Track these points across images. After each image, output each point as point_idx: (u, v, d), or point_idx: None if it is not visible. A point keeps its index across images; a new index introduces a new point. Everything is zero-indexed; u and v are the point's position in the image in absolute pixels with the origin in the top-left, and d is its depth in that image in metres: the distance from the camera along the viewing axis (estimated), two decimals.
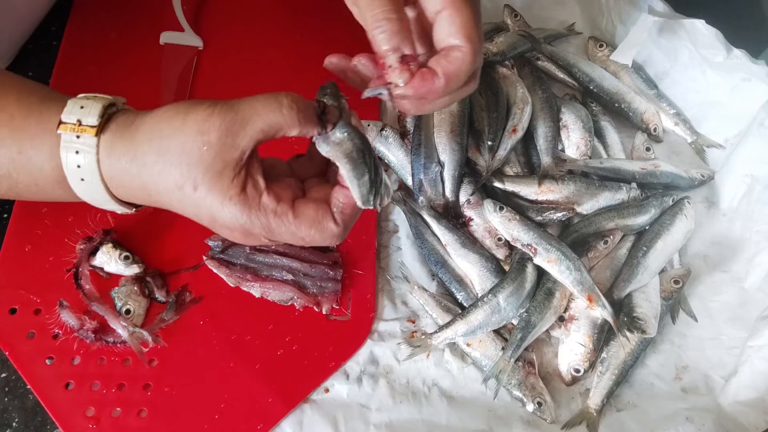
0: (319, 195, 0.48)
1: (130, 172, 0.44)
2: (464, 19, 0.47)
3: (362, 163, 0.45)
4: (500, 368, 0.64)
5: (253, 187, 0.44)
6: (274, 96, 0.44)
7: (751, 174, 0.75)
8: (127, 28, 0.79)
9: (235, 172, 0.43)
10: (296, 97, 0.45)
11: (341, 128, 0.45)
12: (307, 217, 0.45)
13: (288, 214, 0.45)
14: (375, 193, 0.46)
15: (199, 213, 0.45)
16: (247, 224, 0.44)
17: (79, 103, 0.46)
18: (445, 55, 0.48)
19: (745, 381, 0.65)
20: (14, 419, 0.60)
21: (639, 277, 0.69)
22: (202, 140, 0.42)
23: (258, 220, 0.44)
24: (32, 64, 0.76)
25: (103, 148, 0.44)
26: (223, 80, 0.77)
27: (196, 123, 0.43)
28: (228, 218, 0.44)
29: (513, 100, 0.78)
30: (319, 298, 0.66)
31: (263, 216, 0.44)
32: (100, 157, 0.44)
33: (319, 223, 0.46)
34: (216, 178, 0.43)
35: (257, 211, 0.44)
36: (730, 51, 0.74)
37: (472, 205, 0.73)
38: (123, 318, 0.61)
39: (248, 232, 0.45)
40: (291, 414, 0.62)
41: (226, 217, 0.44)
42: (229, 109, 0.43)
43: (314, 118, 0.45)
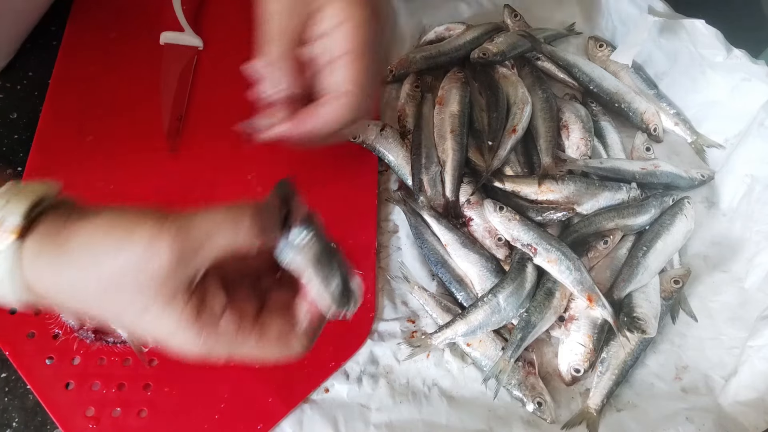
0: (280, 301, 0.43)
1: (57, 286, 0.39)
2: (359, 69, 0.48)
3: (329, 269, 0.40)
4: (500, 368, 0.64)
5: (210, 310, 0.39)
6: (232, 215, 0.39)
7: (751, 174, 0.75)
8: (127, 28, 0.79)
9: (187, 296, 0.38)
10: (256, 212, 0.39)
11: (303, 231, 0.41)
12: (271, 337, 0.41)
13: (251, 335, 0.41)
14: (346, 301, 0.41)
15: (149, 335, 0.40)
16: (205, 349, 0.40)
17: (4, 197, 0.39)
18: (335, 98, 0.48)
19: (745, 381, 0.65)
20: (14, 419, 0.60)
21: (639, 277, 0.69)
22: (148, 264, 0.37)
23: (218, 345, 0.40)
24: (32, 64, 0.77)
25: (28, 254, 0.38)
26: (223, 80, 0.77)
27: (140, 247, 0.37)
28: (182, 345, 0.40)
29: (513, 100, 0.78)
30: None
31: (223, 340, 0.40)
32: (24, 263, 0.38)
33: (285, 342, 0.42)
34: (167, 302, 0.38)
35: (216, 335, 0.39)
36: (730, 51, 0.74)
37: (472, 205, 0.73)
38: None
39: (207, 355, 0.40)
40: (291, 414, 0.62)
41: (179, 343, 0.40)
42: (180, 230, 0.38)
43: (277, 230, 0.40)
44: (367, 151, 0.76)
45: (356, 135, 0.74)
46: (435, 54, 0.83)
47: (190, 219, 0.38)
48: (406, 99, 0.79)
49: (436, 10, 0.89)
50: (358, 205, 0.72)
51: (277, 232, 0.40)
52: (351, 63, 0.48)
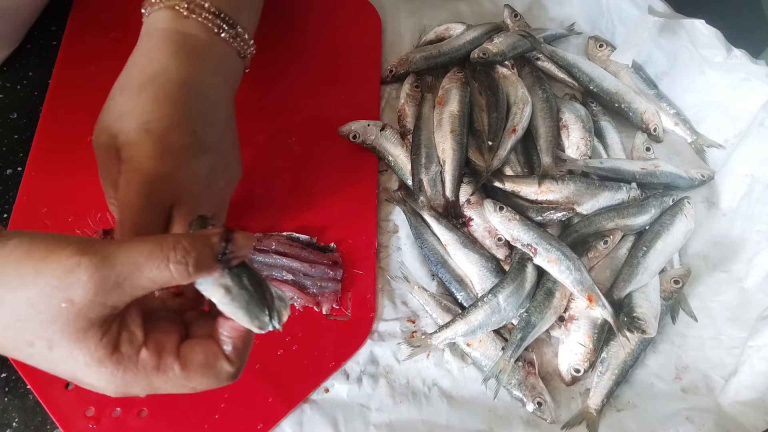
0: (204, 331, 0.40)
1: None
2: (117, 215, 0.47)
3: (242, 289, 0.37)
4: (500, 368, 0.64)
5: (128, 344, 0.37)
6: (161, 246, 0.35)
7: (751, 174, 0.75)
8: (127, 28, 0.78)
9: (103, 330, 0.36)
10: (189, 246, 0.36)
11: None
12: (196, 365, 0.38)
13: (173, 367, 0.37)
14: (270, 313, 0.38)
15: (56, 372, 0.38)
16: (122, 387, 0.37)
17: None
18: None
19: (745, 381, 0.65)
20: (14, 419, 0.60)
21: (639, 277, 0.69)
22: (61, 297, 0.34)
23: (136, 382, 0.37)
24: (32, 64, 0.77)
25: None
26: None
27: (54, 277, 0.34)
28: (96, 381, 0.37)
29: (513, 100, 0.78)
30: (319, 298, 0.66)
31: (143, 376, 0.37)
32: None
33: (212, 368, 0.39)
34: (78, 337, 0.35)
35: (134, 371, 0.37)
36: (730, 51, 0.74)
37: (472, 205, 0.73)
38: None
39: (124, 393, 0.38)
40: (291, 414, 0.62)
41: (93, 381, 0.37)
42: (101, 262, 0.34)
43: (213, 264, 0.37)
44: (367, 151, 0.76)
45: (356, 135, 0.75)
46: (435, 54, 0.83)
47: (117, 248, 0.35)
48: (406, 99, 0.79)
49: (436, 10, 0.89)
50: (358, 205, 0.72)
51: (214, 266, 0.37)
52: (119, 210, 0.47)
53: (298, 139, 0.75)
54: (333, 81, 0.80)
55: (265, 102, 0.76)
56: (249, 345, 0.40)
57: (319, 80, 0.80)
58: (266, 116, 0.75)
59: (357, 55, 0.83)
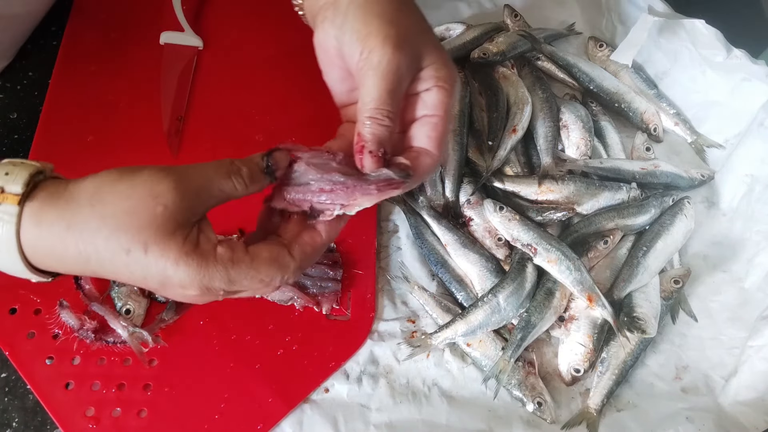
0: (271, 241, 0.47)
1: (65, 241, 0.41)
2: (440, 131, 0.50)
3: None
4: (500, 368, 0.64)
5: (207, 241, 0.43)
6: (224, 164, 0.44)
7: (751, 174, 0.75)
8: (127, 28, 0.79)
9: (187, 231, 0.42)
10: (243, 161, 0.45)
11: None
12: (264, 258, 0.44)
13: (245, 258, 0.44)
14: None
15: (148, 276, 0.42)
16: (206, 279, 0.42)
17: (4, 169, 0.42)
18: (415, 156, 0.50)
19: (745, 381, 0.65)
20: (14, 419, 0.60)
21: (639, 277, 0.69)
22: (156, 202, 0.40)
23: (217, 273, 0.43)
24: (32, 64, 0.77)
25: (29, 217, 0.41)
26: (223, 80, 0.77)
27: (147, 186, 0.41)
28: (184, 277, 0.42)
29: (513, 100, 0.78)
30: (319, 298, 0.66)
31: (221, 267, 0.43)
32: (25, 227, 0.41)
33: (277, 261, 0.45)
34: (168, 238, 0.41)
35: (214, 263, 0.42)
36: (730, 51, 0.74)
37: (472, 205, 0.73)
38: (123, 318, 0.61)
39: (206, 287, 0.43)
40: (291, 414, 0.62)
41: (181, 276, 0.42)
42: (181, 176, 0.42)
43: (261, 177, 0.45)
44: None
45: None
46: None
47: (189, 167, 0.43)
48: None
49: (436, 10, 0.89)
50: None
51: (263, 178, 0.45)
52: (438, 125, 0.50)
53: (298, 139, 0.74)
54: None
55: (265, 102, 0.76)
56: (317, 254, 0.48)
57: (319, 80, 0.80)
58: (266, 116, 0.75)
59: None
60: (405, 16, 0.50)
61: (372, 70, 0.47)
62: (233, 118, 0.75)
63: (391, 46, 0.47)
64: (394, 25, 0.48)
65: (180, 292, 0.43)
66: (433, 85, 0.50)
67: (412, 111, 0.51)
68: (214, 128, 0.74)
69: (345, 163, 0.48)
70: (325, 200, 0.47)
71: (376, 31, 0.48)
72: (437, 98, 0.50)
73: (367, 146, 0.48)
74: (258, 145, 0.74)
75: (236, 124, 0.75)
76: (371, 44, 0.47)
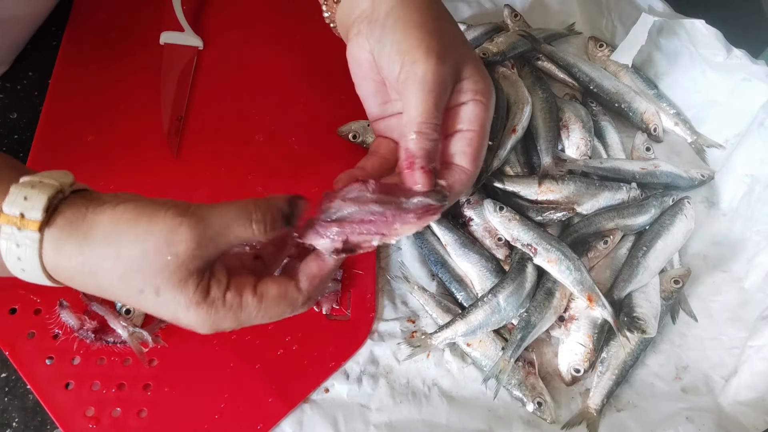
0: (271, 272, 0.47)
1: (81, 273, 0.42)
2: (476, 146, 0.50)
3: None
4: (500, 368, 0.64)
5: (217, 288, 0.43)
6: (245, 209, 0.43)
7: (751, 174, 0.75)
8: (127, 28, 0.79)
9: (199, 279, 0.42)
10: (265, 208, 0.43)
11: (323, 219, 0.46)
12: (272, 297, 0.44)
13: (253, 301, 0.44)
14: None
15: (161, 314, 0.44)
16: (215, 324, 0.43)
17: (23, 192, 0.41)
18: (451, 174, 0.50)
19: (745, 381, 0.65)
20: (14, 419, 0.60)
21: (639, 277, 0.69)
22: (168, 251, 0.40)
23: (226, 319, 0.43)
24: (32, 64, 0.77)
25: (49, 243, 0.41)
26: (223, 80, 0.77)
27: (162, 233, 0.40)
28: (194, 321, 0.43)
29: (513, 100, 0.78)
30: (319, 298, 0.66)
31: (231, 314, 0.43)
32: (45, 252, 0.41)
33: (285, 298, 0.45)
34: (180, 285, 0.42)
35: (224, 310, 0.43)
36: (730, 51, 0.74)
37: (472, 205, 0.73)
38: (123, 318, 0.61)
39: (217, 328, 0.44)
40: (291, 414, 0.62)
41: (191, 320, 0.43)
42: (198, 222, 0.41)
43: (280, 225, 0.44)
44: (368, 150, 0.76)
45: (356, 134, 0.74)
46: None
47: (209, 210, 0.42)
48: None
49: None
50: None
51: (281, 226, 0.44)
52: (474, 140, 0.50)
53: (298, 139, 0.75)
54: (333, 81, 0.80)
55: (266, 102, 0.76)
56: (325, 283, 0.47)
57: (319, 80, 0.80)
58: (266, 116, 0.75)
59: None
60: (445, 26, 0.50)
61: (417, 83, 0.47)
62: (233, 118, 0.75)
63: (434, 58, 0.47)
64: (436, 36, 0.48)
65: (191, 329, 0.44)
66: (470, 98, 0.50)
67: (448, 125, 0.51)
68: (214, 128, 0.74)
69: (379, 191, 0.47)
70: (364, 233, 0.46)
71: (417, 42, 0.47)
72: (474, 112, 0.50)
73: (418, 162, 0.47)
74: (258, 145, 0.74)
75: (236, 124, 0.75)
76: (414, 56, 0.47)
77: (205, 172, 0.72)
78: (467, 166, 0.50)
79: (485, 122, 0.51)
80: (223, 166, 0.72)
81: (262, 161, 0.73)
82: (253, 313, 0.44)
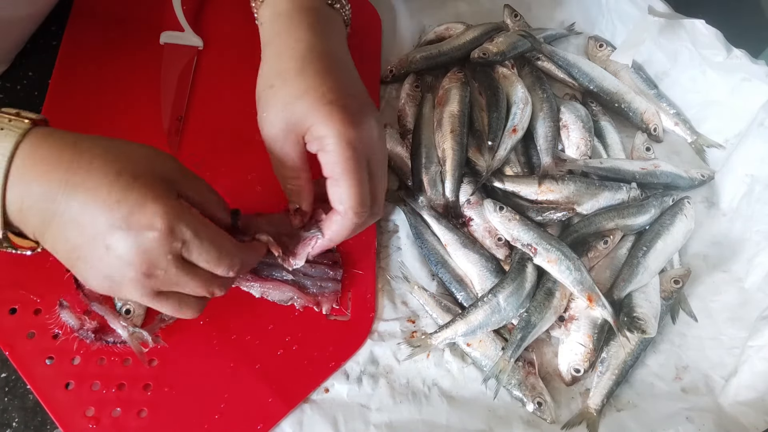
0: None
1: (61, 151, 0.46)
2: (342, 191, 0.53)
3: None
4: (500, 368, 0.64)
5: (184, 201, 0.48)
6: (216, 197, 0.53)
7: (751, 174, 0.75)
8: (127, 28, 0.79)
9: (172, 187, 0.47)
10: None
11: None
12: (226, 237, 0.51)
13: (213, 226, 0.49)
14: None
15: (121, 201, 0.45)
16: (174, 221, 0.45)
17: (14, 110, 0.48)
18: (329, 217, 0.57)
19: (745, 381, 0.65)
20: (14, 419, 0.60)
21: (639, 277, 0.69)
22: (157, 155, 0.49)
23: (189, 218, 0.47)
24: (32, 64, 0.76)
25: (34, 134, 0.46)
26: (223, 80, 0.77)
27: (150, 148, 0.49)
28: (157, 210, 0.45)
29: (513, 100, 0.78)
30: (319, 298, 0.66)
31: (194, 217, 0.47)
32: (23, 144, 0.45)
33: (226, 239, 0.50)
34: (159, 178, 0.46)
35: (189, 210, 0.47)
36: (730, 51, 0.74)
37: (472, 205, 0.73)
38: (123, 318, 0.61)
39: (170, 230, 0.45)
40: (291, 414, 0.62)
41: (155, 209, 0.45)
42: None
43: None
44: None
45: None
46: (435, 54, 0.83)
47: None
48: (406, 99, 0.79)
49: (436, 10, 0.89)
50: None
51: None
52: (342, 183, 0.52)
53: None
54: None
55: None
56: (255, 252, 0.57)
57: None
58: None
59: (357, 55, 0.82)
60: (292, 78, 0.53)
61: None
62: (233, 118, 0.75)
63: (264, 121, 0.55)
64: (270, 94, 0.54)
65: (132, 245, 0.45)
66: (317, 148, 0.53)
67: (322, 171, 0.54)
68: (214, 128, 0.74)
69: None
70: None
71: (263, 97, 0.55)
72: (329, 157, 0.52)
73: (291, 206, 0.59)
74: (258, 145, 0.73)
75: (236, 124, 0.75)
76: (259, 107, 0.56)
77: (206, 171, 0.71)
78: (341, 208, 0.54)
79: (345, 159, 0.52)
80: (223, 166, 0.72)
81: (262, 161, 0.72)
82: (210, 234, 0.48)
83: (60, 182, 0.45)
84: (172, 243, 0.46)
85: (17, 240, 0.49)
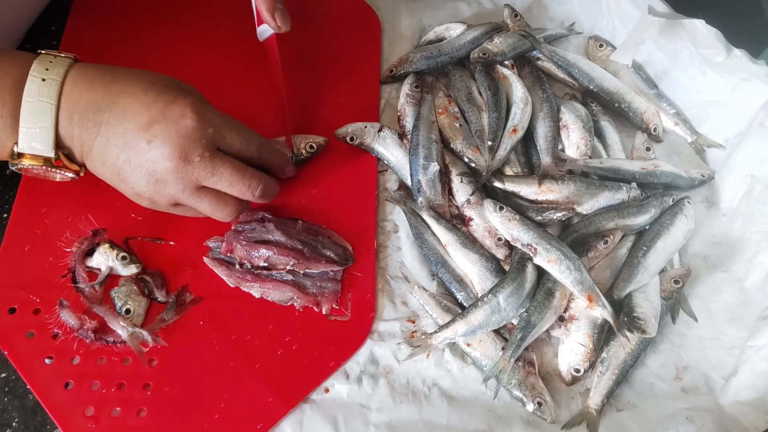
0: None
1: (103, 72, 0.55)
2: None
3: None
4: (500, 368, 0.64)
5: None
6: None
7: (751, 174, 0.75)
8: (127, 28, 0.79)
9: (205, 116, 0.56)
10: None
11: None
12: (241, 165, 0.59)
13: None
14: None
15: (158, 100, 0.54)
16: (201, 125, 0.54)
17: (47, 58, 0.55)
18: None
19: (745, 381, 0.65)
20: (14, 419, 0.60)
21: (639, 277, 0.69)
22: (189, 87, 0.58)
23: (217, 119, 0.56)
24: None
25: (77, 65, 0.55)
26: (222, 80, 0.77)
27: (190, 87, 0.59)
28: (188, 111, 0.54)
29: (513, 100, 0.78)
30: (319, 298, 0.66)
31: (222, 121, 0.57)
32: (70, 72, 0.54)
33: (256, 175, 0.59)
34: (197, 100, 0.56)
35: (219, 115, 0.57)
36: (730, 51, 0.74)
37: (472, 205, 0.73)
38: (123, 318, 0.61)
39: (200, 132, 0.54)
40: (291, 414, 0.62)
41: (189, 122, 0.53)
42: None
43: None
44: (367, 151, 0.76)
45: (353, 137, 0.75)
46: (435, 54, 0.83)
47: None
48: (406, 99, 0.79)
49: (436, 10, 0.89)
50: (357, 205, 0.72)
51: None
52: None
53: None
54: (333, 81, 0.80)
55: (266, 102, 0.76)
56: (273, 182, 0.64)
57: (318, 81, 0.80)
58: (266, 118, 0.75)
59: (357, 55, 0.83)
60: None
61: None
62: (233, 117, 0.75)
63: None
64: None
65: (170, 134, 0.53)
66: None
67: None
68: None
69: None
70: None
71: None
72: None
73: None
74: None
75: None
76: None
77: None
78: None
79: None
80: None
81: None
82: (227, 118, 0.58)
83: (104, 92, 0.54)
84: (205, 128, 0.54)
85: (65, 161, 0.55)
